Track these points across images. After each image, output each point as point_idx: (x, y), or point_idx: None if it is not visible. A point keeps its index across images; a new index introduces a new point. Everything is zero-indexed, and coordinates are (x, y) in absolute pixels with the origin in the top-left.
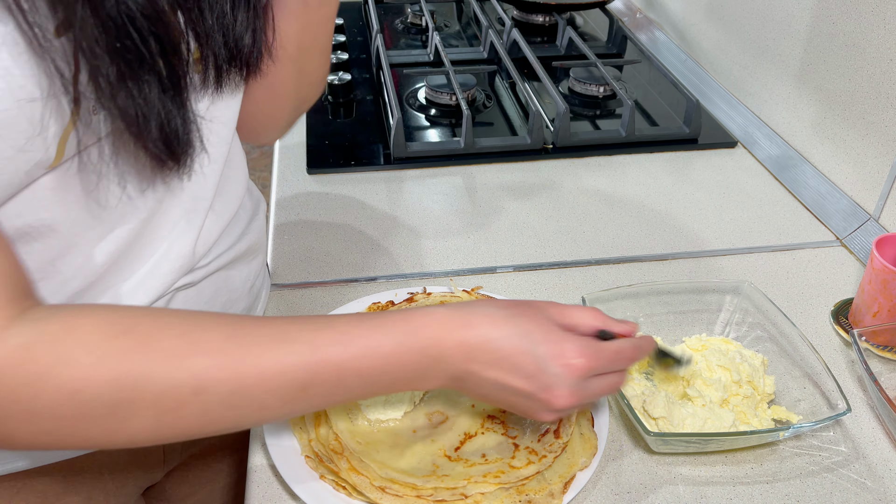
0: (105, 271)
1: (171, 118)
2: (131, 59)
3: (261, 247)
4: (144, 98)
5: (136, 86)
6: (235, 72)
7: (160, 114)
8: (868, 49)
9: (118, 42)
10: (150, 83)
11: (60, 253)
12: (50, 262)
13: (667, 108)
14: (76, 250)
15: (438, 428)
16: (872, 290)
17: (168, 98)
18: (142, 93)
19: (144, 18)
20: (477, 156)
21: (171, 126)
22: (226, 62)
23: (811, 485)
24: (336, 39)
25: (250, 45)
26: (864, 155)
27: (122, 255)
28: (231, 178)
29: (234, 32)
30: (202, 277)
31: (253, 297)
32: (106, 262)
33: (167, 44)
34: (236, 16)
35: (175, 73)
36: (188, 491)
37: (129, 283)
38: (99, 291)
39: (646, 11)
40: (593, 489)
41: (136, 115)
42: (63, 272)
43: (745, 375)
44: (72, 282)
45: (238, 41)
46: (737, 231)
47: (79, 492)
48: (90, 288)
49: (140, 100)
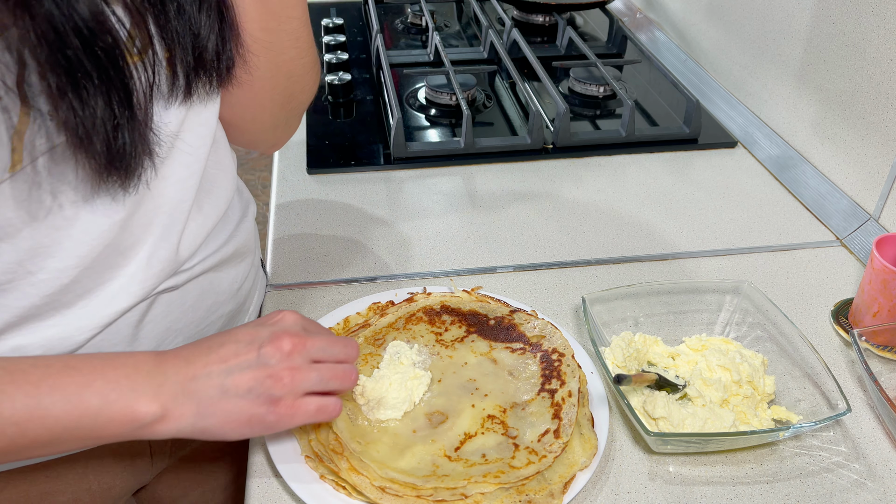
0: (80, 274)
1: (118, 133)
2: (72, 71)
3: (250, 249)
4: (89, 111)
5: (76, 98)
6: (205, 78)
7: (105, 128)
8: (868, 49)
9: (57, 53)
10: (94, 96)
11: (29, 254)
12: (18, 262)
13: (667, 108)
14: (45, 251)
15: (438, 428)
16: (872, 290)
17: (117, 111)
18: (85, 106)
19: (87, 30)
20: (477, 156)
21: (118, 142)
22: (192, 68)
23: (811, 485)
24: (336, 39)
25: (219, 50)
26: (864, 155)
27: (98, 257)
28: (218, 179)
29: (200, 37)
30: (186, 280)
31: (241, 299)
32: (79, 264)
33: (112, 56)
34: (201, 20)
35: (125, 85)
36: (180, 493)
37: (109, 286)
38: (75, 295)
39: (646, 11)
40: (593, 489)
41: (76, 128)
42: (33, 273)
43: (745, 375)
44: (44, 284)
45: (204, 46)
46: (737, 231)
47: (63, 492)
48: (66, 291)
49: (82, 112)
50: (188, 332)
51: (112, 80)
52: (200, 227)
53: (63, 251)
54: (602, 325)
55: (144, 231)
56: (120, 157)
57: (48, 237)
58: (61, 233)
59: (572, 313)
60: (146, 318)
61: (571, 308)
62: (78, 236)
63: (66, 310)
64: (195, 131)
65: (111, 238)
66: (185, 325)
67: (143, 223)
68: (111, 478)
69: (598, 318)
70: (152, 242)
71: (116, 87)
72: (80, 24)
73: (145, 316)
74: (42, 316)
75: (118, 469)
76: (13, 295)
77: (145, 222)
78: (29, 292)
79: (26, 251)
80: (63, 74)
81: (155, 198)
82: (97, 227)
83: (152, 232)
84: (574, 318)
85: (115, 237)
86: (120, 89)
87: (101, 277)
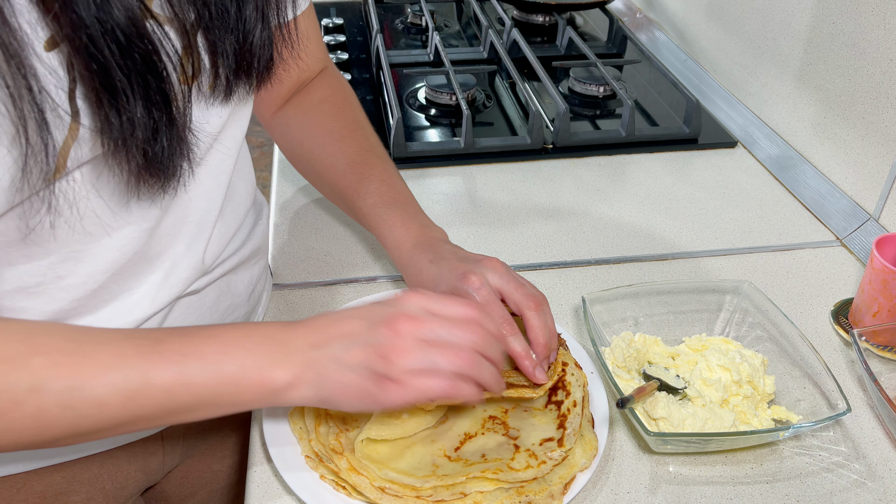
0: (108, 280)
1: (156, 137)
2: (109, 80)
3: (263, 250)
4: (126, 119)
5: (113, 107)
6: (245, 79)
7: (142, 135)
8: (868, 49)
9: (93, 61)
10: (131, 103)
11: (60, 259)
12: (49, 266)
13: (667, 108)
14: (77, 256)
15: (438, 428)
16: (872, 290)
17: (155, 116)
18: (122, 113)
19: (124, 37)
20: (477, 156)
21: (155, 147)
22: (234, 70)
23: (811, 485)
24: (336, 39)
25: (261, 52)
26: (864, 155)
27: (127, 264)
28: (238, 187)
29: (243, 39)
30: (205, 284)
31: (255, 300)
32: (108, 270)
33: (150, 62)
34: (244, 21)
35: (162, 90)
36: (188, 492)
37: (135, 292)
38: (102, 300)
39: (646, 11)
40: (593, 489)
41: (113, 137)
42: (63, 277)
43: (745, 375)
44: (73, 288)
45: (247, 49)
46: (737, 231)
47: (78, 492)
48: (93, 296)
49: (118, 120)
50: None
51: (149, 86)
52: (223, 235)
53: (94, 257)
54: (602, 325)
55: (172, 240)
56: (158, 161)
57: (80, 242)
58: (94, 238)
59: (572, 313)
60: (166, 321)
61: (571, 308)
62: (110, 242)
63: (92, 315)
64: (230, 132)
65: (140, 245)
66: None
67: (171, 232)
68: (124, 478)
69: (598, 318)
70: (179, 252)
71: (154, 92)
72: (116, 31)
73: (165, 319)
74: (68, 320)
75: (131, 469)
76: (41, 298)
77: (173, 232)
78: (57, 296)
79: (58, 256)
80: (100, 83)
81: (183, 206)
82: (129, 234)
83: (180, 241)
84: (574, 318)
85: (144, 245)
86: (157, 94)
87: (128, 283)
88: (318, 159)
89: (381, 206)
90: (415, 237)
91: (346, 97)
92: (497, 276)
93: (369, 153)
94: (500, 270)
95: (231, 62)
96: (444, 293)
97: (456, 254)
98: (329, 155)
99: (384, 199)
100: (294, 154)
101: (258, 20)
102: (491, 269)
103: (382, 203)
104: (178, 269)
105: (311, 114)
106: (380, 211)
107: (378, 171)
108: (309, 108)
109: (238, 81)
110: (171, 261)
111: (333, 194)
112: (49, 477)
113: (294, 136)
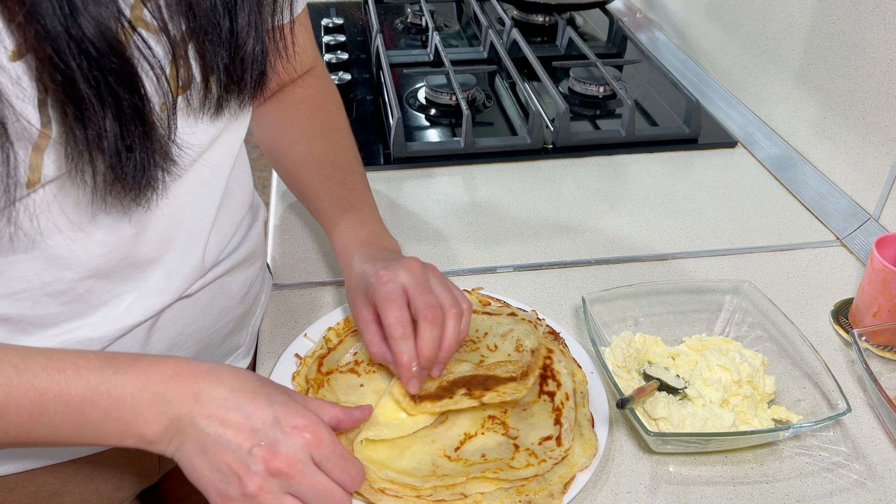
0: (95, 284)
1: (128, 151)
2: (74, 92)
3: (258, 252)
4: (93, 131)
5: (78, 120)
6: (237, 95)
7: (113, 147)
8: (868, 49)
9: (61, 72)
10: (99, 116)
11: (45, 265)
12: (35, 272)
13: (667, 108)
14: (61, 263)
15: (438, 428)
16: (872, 290)
17: (127, 130)
18: (88, 126)
19: (94, 49)
20: (477, 156)
21: (126, 159)
22: (225, 85)
23: (811, 485)
24: (336, 39)
25: (253, 68)
26: (864, 155)
27: (113, 270)
28: (235, 193)
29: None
30: (200, 287)
31: (249, 302)
32: (94, 275)
33: (124, 75)
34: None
35: (137, 106)
36: (184, 494)
37: (125, 297)
38: (91, 306)
39: (646, 11)
40: (593, 489)
41: (82, 148)
42: (49, 283)
43: (745, 375)
44: (60, 294)
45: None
46: (737, 231)
47: (71, 493)
48: (81, 301)
49: (84, 133)
50: (199, 336)
51: (121, 99)
52: (219, 240)
53: (78, 263)
54: (602, 325)
55: (165, 247)
56: (130, 174)
57: (64, 249)
58: (77, 245)
59: (572, 313)
60: (158, 324)
61: (571, 308)
62: (94, 249)
63: (81, 319)
64: (226, 140)
65: (126, 251)
66: (197, 329)
67: (164, 239)
68: (119, 479)
69: (598, 318)
70: (174, 259)
71: (127, 105)
72: (85, 43)
73: (158, 321)
74: (57, 324)
75: (126, 470)
76: (27, 304)
77: (165, 238)
78: (44, 301)
79: (43, 262)
80: (65, 94)
81: (175, 213)
82: (113, 240)
83: (174, 248)
84: (574, 318)
85: (131, 251)
86: (130, 107)
87: (117, 289)
88: (287, 157)
89: (337, 209)
90: (360, 242)
91: (328, 98)
92: (409, 277)
93: (338, 155)
94: (415, 271)
95: (222, 75)
96: (356, 307)
97: (388, 257)
98: (297, 153)
99: (342, 202)
100: (269, 149)
101: (250, 34)
102: (404, 268)
103: (339, 206)
104: (173, 275)
105: (288, 111)
106: (335, 214)
107: (343, 173)
108: (288, 106)
109: (229, 95)
110: (165, 267)
111: (298, 192)
112: (42, 477)
113: (269, 132)
